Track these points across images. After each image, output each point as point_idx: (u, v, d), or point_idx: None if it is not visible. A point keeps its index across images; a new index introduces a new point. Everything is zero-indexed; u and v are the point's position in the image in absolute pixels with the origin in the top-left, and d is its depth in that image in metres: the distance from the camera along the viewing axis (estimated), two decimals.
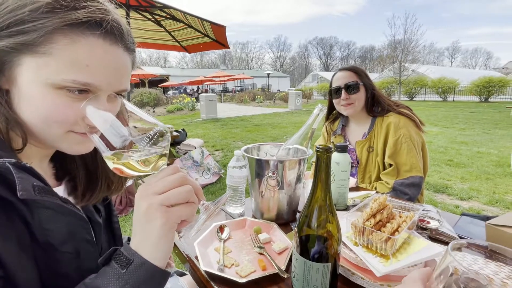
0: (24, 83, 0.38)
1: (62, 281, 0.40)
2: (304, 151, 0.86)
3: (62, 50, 0.37)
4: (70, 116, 0.40)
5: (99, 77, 0.40)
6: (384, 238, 0.58)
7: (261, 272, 0.62)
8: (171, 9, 3.68)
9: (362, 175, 1.39)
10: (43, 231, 0.38)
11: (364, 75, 1.36)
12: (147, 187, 0.38)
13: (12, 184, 0.35)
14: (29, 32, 0.36)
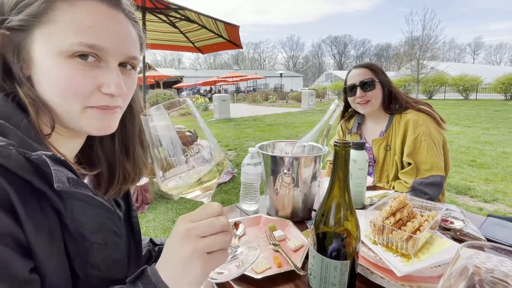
0: (39, 59, 0.40)
1: (92, 270, 0.42)
2: (319, 148, 0.84)
3: (63, 15, 0.38)
4: (85, 85, 0.41)
5: (103, 38, 0.40)
6: (405, 237, 0.56)
7: (277, 269, 0.62)
8: (185, 10, 3.74)
9: (379, 174, 1.35)
10: (74, 222, 0.39)
11: (380, 72, 1.32)
12: (191, 226, 0.38)
13: (47, 176, 0.36)
14: (32, 3, 0.38)
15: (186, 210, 2.82)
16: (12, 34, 0.39)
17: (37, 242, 0.35)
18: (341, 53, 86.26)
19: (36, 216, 0.36)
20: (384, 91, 1.31)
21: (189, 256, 0.37)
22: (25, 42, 0.39)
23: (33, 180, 0.36)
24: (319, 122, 0.84)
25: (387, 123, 1.33)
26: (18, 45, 0.39)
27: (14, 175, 0.34)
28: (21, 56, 0.40)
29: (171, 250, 0.38)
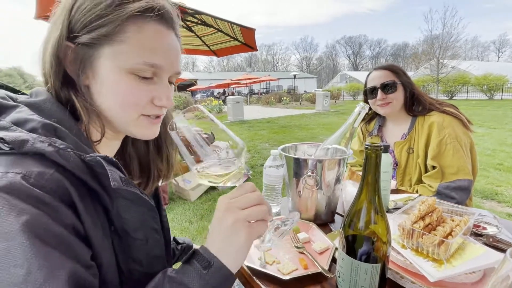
0: (103, 73, 0.44)
1: (134, 265, 0.44)
2: (343, 151, 0.84)
3: (132, 37, 0.43)
4: (141, 97, 0.46)
5: (163, 59, 0.46)
6: (436, 242, 0.55)
7: (303, 270, 0.62)
8: (202, 15, 3.82)
9: (402, 178, 1.32)
10: (120, 219, 0.42)
11: (402, 73, 1.29)
12: (230, 201, 0.43)
13: (99, 176, 0.39)
14: (107, 24, 0.41)
15: (202, 211, 2.86)
16: (80, 48, 0.42)
17: (93, 236, 0.38)
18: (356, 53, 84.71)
19: (91, 213, 0.39)
20: (406, 92, 1.28)
21: (231, 225, 0.41)
22: (92, 57, 0.43)
23: (88, 180, 0.38)
24: (343, 124, 0.84)
25: (410, 125, 1.30)
26: (84, 58, 0.43)
27: (73, 175, 0.37)
28: (85, 67, 0.43)
29: (216, 225, 0.43)
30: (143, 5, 0.43)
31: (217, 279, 0.39)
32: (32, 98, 0.44)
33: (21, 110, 0.40)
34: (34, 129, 0.38)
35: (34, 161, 0.35)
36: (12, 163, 0.33)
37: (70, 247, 0.34)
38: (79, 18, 0.42)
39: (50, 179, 0.35)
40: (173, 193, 3.28)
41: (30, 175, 0.33)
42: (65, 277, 0.31)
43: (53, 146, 0.36)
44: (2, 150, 0.34)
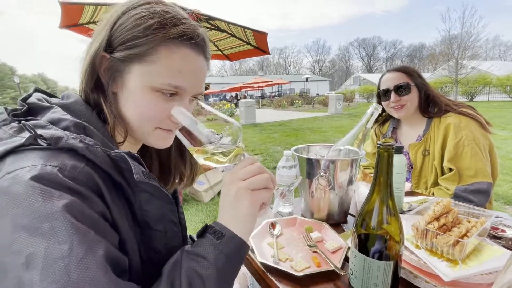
0: (130, 86, 0.48)
1: (154, 255, 0.47)
2: (356, 152, 0.85)
3: (163, 59, 0.46)
4: (159, 113, 0.49)
5: (187, 81, 0.49)
6: (451, 242, 0.55)
7: (316, 268, 0.63)
8: (216, 21, 3.91)
9: (417, 180, 1.30)
10: (142, 211, 0.45)
11: (416, 75, 1.27)
12: (233, 174, 0.46)
13: (123, 171, 0.43)
14: (141, 45, 0.45)
15: (215, 213, 2.90)
16: (114, 60, 0.47)
17: (120, 224, 0.41)
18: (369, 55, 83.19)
19: (117, 203, 0.42)
20: (421, 94, 1.26)
21: (235, 194, 0.45)
22: (123, 70, 0.47)
23: (113, 174, 0.42)
24: (356, 126, 0.85)
25: (425, 127, 1.28)
26: (116, 70, 0.47)
27: (100, 169, 0.41)
28: (115, 78, 0.48)
29: (223, 198, 0.47)
30: (179, 31, 0.46)
31: (230, 247, 0.42)
32: (63, 100, 0.48)
33: (55, 111, 0.44)
34: (67, 127, 0.42)
35: (68, 156, 0.39)
36: (50, 157, 0.37)
37: (103, 230, 0.37)
38: (118, 35, 0.46)
39: (82, 172, 0.38)
40: (187, 194, 3.34)
41: (64, 168, 0.37)
42: (102, 252, 0.34)
43: (83, 143, 0.40)
44: (41, 146, 0.38)
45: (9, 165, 0.36)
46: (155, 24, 0.45)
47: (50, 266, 0.31)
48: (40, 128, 0.40)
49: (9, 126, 0.41)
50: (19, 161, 0.36)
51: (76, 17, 3.43)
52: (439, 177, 1.20)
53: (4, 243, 0.32)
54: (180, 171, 0.66)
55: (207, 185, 3.19)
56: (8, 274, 0.31)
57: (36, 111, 0.45)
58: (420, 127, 1.30)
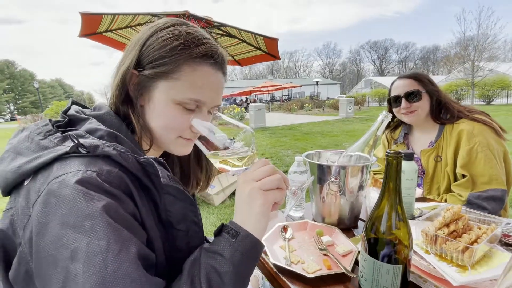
0: (156, 100, 0.53)
1: (176, 253, 0.51)
2: (367, 158, 0.87)
3: (186, 76, 0.51)
4: (181, 124, 0.54)
5: (207, 96, 0.54)
6: (460, 248, 0.56)
7: (327, 270, 0.66)
8: (227, 27, 4.00)
9: (429, 186, 1.30)
10: (166, 212, 0.49)
11: (427, 81, 1.27)
12: (247, 175, 0.50)
13: (151, 175, 0.47)
14: (167, 64, 0.51)
15: (226, 216, 2.94)
16: (142, 77, 0.52)
17: (148, 224, 0.46)
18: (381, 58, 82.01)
19: (145, 204, 0.47)
20: (432, 101, 1.26)
21: (248, 194, 0.47)
22: (151, 86, 0.52)
23: (142, 178, 0.47)
24: (366, 132, 0.87)
25: (438, 133, 1.27)
26: (143, 85, 0.53)
27: (131, 173, 0.46)
28: (143, 92, 0.53)
29: (237, 198, 0.49)
30: (201, 51, 0.52)
31: (245, 245, 0.45)
32: (96, 112, 0.54)
33: (91, 122, 0.50)
34: (102, 136, 0.47)
35: (104, 162, 0.43)
36: (89, 163, 0.42)
37: (134, 229, 0.42)
38: (147, 55, 0.52)
39: (116, 176, 0.43)
40: (198, 197, 3.41)
41: (102, 173, 0.42)
42: (134, 249, 0.38)
43: (116, 150, 0.45)
44: (81, 153, 0.43)
45: (56, 171, 0.41)
46: (179, 45, 0.51)
47: (91, 260, 0.35)
48: (79, 137, 0.45)
49: (54, 136, 0.46)
50: (64, 167, 0.41)
51: (95, 26, 3.60)
52: (452, 184, 1.20)
53: (53, 238, 0.37)
54: (196, 176, 0.71)
55: (218, 188, 3.24)
56: (58, 265, 0.36)
57: (75, 122, 0.51)
58: (432, 133, 1.30)
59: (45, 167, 0.42)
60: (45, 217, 0.38)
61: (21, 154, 0.45)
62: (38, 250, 0.37)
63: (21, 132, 0.49)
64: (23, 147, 0.46)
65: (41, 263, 0.37)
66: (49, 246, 0.37)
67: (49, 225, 0.37)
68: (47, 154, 0.43)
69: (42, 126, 0.48)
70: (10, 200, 0.45)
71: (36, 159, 0.43)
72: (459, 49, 22.27)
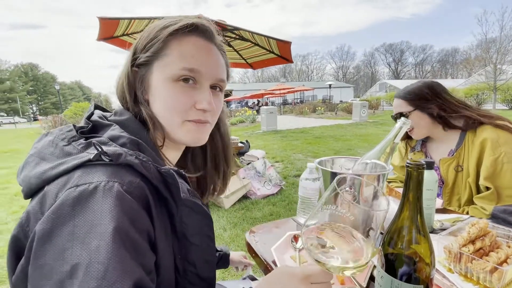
0: (154, 84, 0.53)
1: (189, 266, 0.49)
2: (383, 167, 0.83)
3: (174, 50, 0.52)
4: (182, 103, 0.52)
5: (200, 64, 0.52)
6: (488, 268, 0.51)
7: (340, 286, 0.62)
8: (240, 31, 4.02)
9: (449, 197, 1.23)
10: (182, 224, 0.48)
11: (418, 98, 1.22)
12: (308, 269, 0.44)
13: (170, 186, 0.45)
14: (154, 44, 0.51)
15: (236, 219, 2.93)
16: (140, 69, 0.53)
17: (159, 239, 0.44)
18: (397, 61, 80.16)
19: (161, 217, 0.45)
20: (432, 114, 1.20)
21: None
22: (147, 73, 0.53)
23: (161, 188, 0.45)
24: (383, 139, 0.83)
25: (458, 141, 1.20)
26: (142, 76, 0.53)
27: (150, 183, 0.44)
28: (143, 84, 0.53)
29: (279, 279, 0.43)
30: (182, 23, 0.52)
31: None
32: (118, 117, 0.53)
33: (114, 128, 0.49)
34: (124, 144, 0.46)
35: (126, 171, 0.42)
36: (111, 174, 0.41)
37: (141, 253, 0.39)
38: (139, 45, 0.53)
39: (137, 187, 0.42)
40: None
41: (123, 183, 0.40)
42: (130, 282, 0.35)
43: (139, 159, 0.43)
44: (104, 162, 0.42)
45: (78, 178, 0.40)
46: (162, 24, 0.52)
47: (87, 282, 0.33)
48: (102, 144, 0.44)
49: (78, 142, 0.45)
50: (87, 176, 0.40)
51: (112, 30, 3.71)
52: (474, 196, 1.12)
53: (58, 248, 0.35)
54: (214, 182, 0.69)
55: (228, 191, 3.23)
56: (53, 277, 0.34)
57: (98, 128, 0.50)
58: (452, 142, 1.23)
59: (66, 173, 0.41)
60: (53, 224, 0.36)
61: (45, 159, 0.45)
62: (37, 256, 0.36)
63: (46, 137, 0.49)
64: (47, 152, 0.46)
65: (36, 270, 0.36)
66: (49, 256, 0.35)
67: (54, 234, 0.36)
68: (70, 161, 0.42)
69: (66, 131, 0.48)
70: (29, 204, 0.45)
71: (60, 166, 0.42)
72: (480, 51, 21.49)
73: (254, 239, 0.89)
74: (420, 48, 78.92)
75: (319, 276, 0.43)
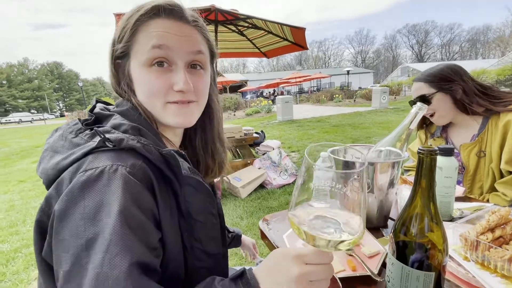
0: (133, 74, 0.55)
1: (195, 243, 0.52)
2: (398, 154, 0.80)
3: (142, 34, 0.53)
4: (161, 85, 0.53)
5: (170, 40, 0.52)
6: (507, 257, 0.50)
7: (351, 272, 0.63)
8: (253, 19, 3.95)
9: (470, 184, 1.17)
10: (186, 203, 0.50)
11: (439, 79, 1.15)
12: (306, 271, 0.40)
13: (172, 166, 0.48)
14: (126, 32, 0.53)
15: (252, 208, 2.98)
16: (121, 61, 0.55)
17: (164, 217, 0.47)
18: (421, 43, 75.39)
19: (164, 196, 0.48)
20: (455, 97, 1.13)
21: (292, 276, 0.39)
22: (127, 64, 0.55)
23: (164, 169, 0.48)
24: (399, 126, 0.80)
25: (481, 126, 1.14)
26: (124, 68, 0.55)
27: (153, 165, 0.47)
28: (124, 75, 0.56)
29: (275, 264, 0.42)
30: (148, 8, 0.52)
31: None
32: (119, 108, 0.56)
33: (116, 118, 0.52)
34: (126, 130, 0.49)
35: (129, 155, 0.46)
36: (115, 158, 0.44)
37: (144, 231, 0.42)
38: (116, 37, 0.55)
39: (140, 169, 0.45)
40: (225, 189, 3.49)
41: (127, 166, 0.44)
42: (130, 256, 0.38)
43: (140, 143, 0.47)
44: (108, 147, 0.46)
45: (87, 164, 0.44)
46: (131, 12, 0.54)
47: (95, 254, 0.37)
48: (106, 132, 0.48)
49: (84, 133, 0.50)
50: (94, 161, 0.44)
51: None
52: (497, 181, 1.07)
53: (73, 225, 0.39)
54: (206, 164, 0.69)
55: (244, 181, 3.28)
56: (71, 250, 0.39)
57: (101, 119, 0.54)
58: (474, 126, 1.16)
59: (78, 161, 0.46)
60: (66, 204, 0.41)
61: (58, 152, 0.49)
62: (57, 232, 0.41)
63: (56, 132, 0.53)
64: (58, 145, 0.50)
65: (57, 244, 0.40)
66: (66, 232, 0.40)
67: (69, 213, 0.40)
68: (79, 150, 0.46)
69: (73, 125, 0.52)
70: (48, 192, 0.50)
71: (71, 156, 0.46)
72: None
73: (267, 227, 0.91)
74: (447, 28, 73.50)
75: (312, 255, 0.41)
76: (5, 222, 3.10)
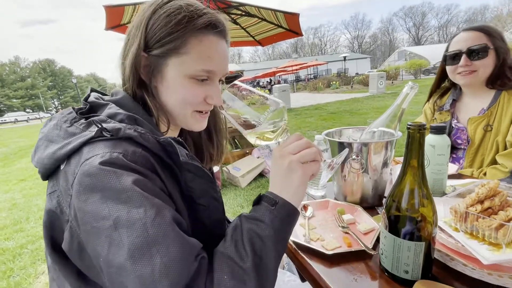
0: (169, 78, 0.54)
1: (199, 226, 0.54)
2: (391, 134, 0.82)
3: (194, 49, 0.52)
4: (196, 97, 0.56)
5: (217, 66, 0.55)
6: (494, 225, 0.52)
7: (347, 248, 0.65)
8: (246, 6, 3.88)
9: (472, 158, 1.17)
10: (187, 188, 0.52)
11: (498, 37, 1.07)
12: (283, 149, 0.51)
13: (171, 154, 0.50)
14: (175, 40, 0.51)
15: (252, 197, 3.02)
16: (152, 58, 0.53)
17: (174, 198, 0.49)
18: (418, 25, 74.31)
19: (169, 181, 0.49)
20: (499, 61, 1.07)
21: (287, 167, 0.49)
22: (162, 65, 0.54)
23: (163, 156, 0.49)
24: (391, 106, 0.81)
25: (492, 100, 1.12)
26: (155, 65, 0.54)
27: (152, 152, 0.48)
28: (155, 73, 0.54)
29: (275, 170, 0.51)
30: (205, 21, 0.52)
31: (283, 212, 0.47)
32: (114, 97, 0.56)
33: (111, 107, 0.52)
34: (122, 120, 0.50)
35: (127, 143, 0.46)
36: (114, 146, 0.45)
37: (164, 200, 0.44)
38: (153, 34, 0.52)
39: (140, 156, 0.46)
40: (225, 179, 3.52)
41: (127, 153, 0.44)
42: (168, 214, 0.41)
43: (137, 132, 0.47)
44: (106, 137, 0.46)
45: (86, 154, 0.44)
46: (183, 18, 0.51)
47: (133, 225, 0.38)
48: (102, 122, 0.48)
49: (79, 122, 0.50)
50: (92, 150, 0.44)
51: (118, 18, 3.71)
52: (498, 154, 1.08)
53: (94, 213, 0.40)
54: (209, 152, 0.73)
55: (244, 170, 3.30)
56: (101, 236, 0.39)
57: (96, 108, 0.54)
58: (485, 100, 1.15)
59: (77, 151, 0.46)
60: (84, 194, 0.41)
61: (53, 141, 0.50)
62: (83, 223, 0.41)
63: (50, 122, 0.53)
64: (53, 135, 0.50)
65: (87, 235, 0.41)
66: (91, 220, 0.40)
67: (88, 201, 0.41)
68: (75, 140, 0.46)
69: (67, 114, 0.52)
70: (51, 184, 0.50)
71: (67, 145, 0.47)
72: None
73: None
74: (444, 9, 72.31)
75: (291, 146, 0.50)
76: (8, 220, 3.13)
